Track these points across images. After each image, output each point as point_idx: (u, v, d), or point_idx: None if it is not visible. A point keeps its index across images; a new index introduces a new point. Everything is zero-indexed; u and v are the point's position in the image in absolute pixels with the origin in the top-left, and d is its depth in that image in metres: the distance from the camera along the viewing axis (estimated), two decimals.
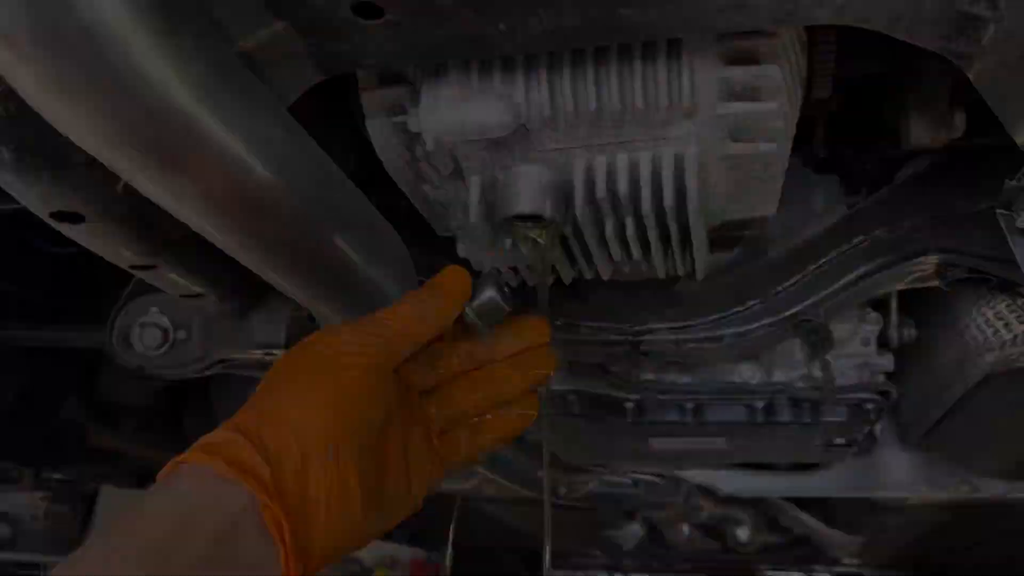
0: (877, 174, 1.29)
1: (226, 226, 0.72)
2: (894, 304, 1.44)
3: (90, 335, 1.33)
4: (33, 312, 1.66)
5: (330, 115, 1.10)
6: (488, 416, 0.90)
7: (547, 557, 0.90)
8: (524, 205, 0.88)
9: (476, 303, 0.87)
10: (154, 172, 0.64)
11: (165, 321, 1.19)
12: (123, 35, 0.54)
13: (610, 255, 0.98)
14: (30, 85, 0.56)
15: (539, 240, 0.91)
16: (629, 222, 0.91)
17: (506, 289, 0.88)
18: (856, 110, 1.27)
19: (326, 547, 0.75)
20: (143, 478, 2.58)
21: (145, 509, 0.70)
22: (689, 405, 1.55)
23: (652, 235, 0.93)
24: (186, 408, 2.16)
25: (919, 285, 1.23)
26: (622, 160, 0.87)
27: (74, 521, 5.90)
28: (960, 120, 0.97)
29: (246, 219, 0.72)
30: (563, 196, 0.90)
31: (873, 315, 1.45)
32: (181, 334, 1.20)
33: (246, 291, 1.13)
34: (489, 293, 0.87)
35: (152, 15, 0.56)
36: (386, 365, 0.81)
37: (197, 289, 1.03)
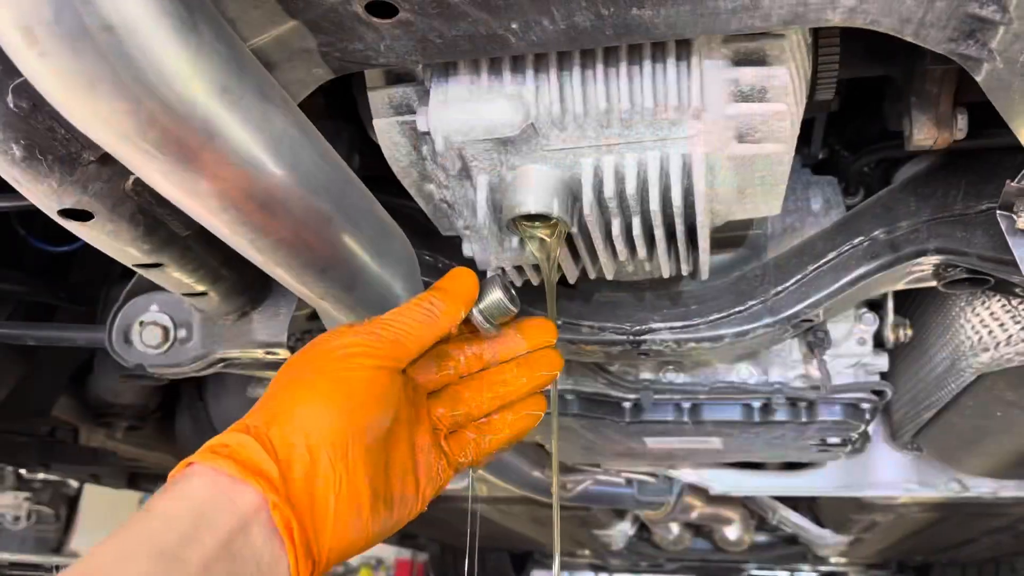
0: (875, 175, 1.30)
1: (238, 224, 0.72)
2: (890, 304, 1.45)
3: (89, 333, 1.32)
4: (28, 310, 1.65)
5: (335, 113, 1.10)
6: (495, 417, 0.90)
7: (557, 561, 0.90)
8: (532, 204, 0.88)
9: (483, 304, 0.87)
10: (169, 169, 0.63)
11: (166, 319, 1.19)
12: (144, 31, 0.54)
13: (615, 254, 0.99)
14: (49, 81, 0.55)
15: (546, 239, 0.92)
16: (636, 221, 0.92)
17: (512, 290, 0.88)
18: (855, 111, 1.28)
19: (334, 547, 0.75)
20: (133, 478, 2.57)
21: (156, 509, 0.70)
22: (686, 405, 1.55)
23: (658, 234, 0.93)
24: (179, 408, 2.15)
25: (917, 286, 1.24)
26: (630, 160, 0.87)
27: (57, 521, 5.87)
28: (963, 121, 0.98)
29: (258, 217, 0.72)
30: (570, 195, 0.90)
31: (869, 315, 1.46)
32: (182, 333, 1.19)
33: (248, 290, 1.12)
34: (496, 295, 0.87)
35: (172, 11, 0.55)
36: (394, 366, 0.81)
37: (201, 288, 1.03)
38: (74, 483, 5.84)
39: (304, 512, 0.73)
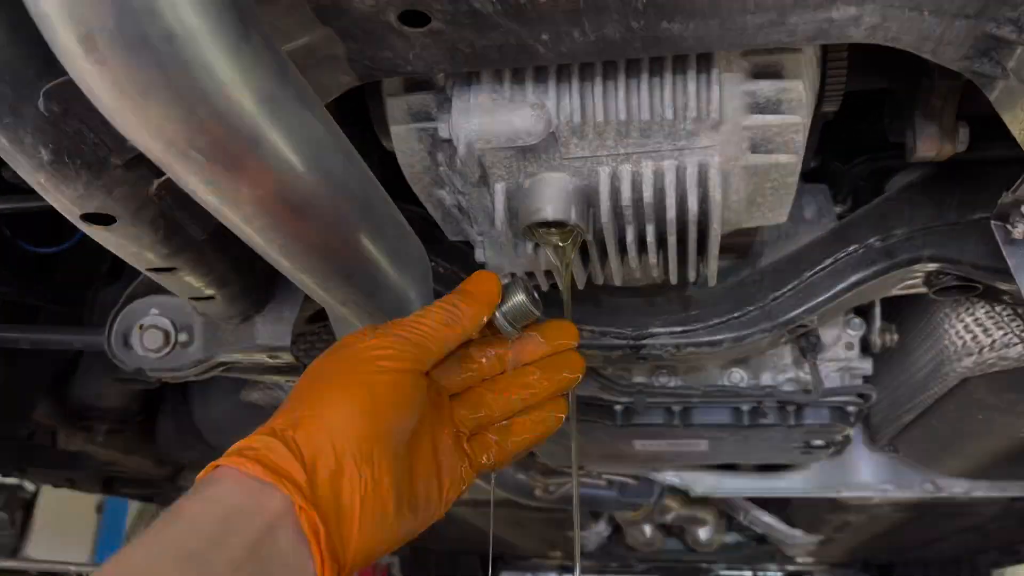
0: (866, 184, 1.33)
1: (272, 229, 0.72)
2: (877, 310, 1.48)
3: (87, 337, 1.30)
4: (10, 311, 1.63)
5: (346, 119, 1.10)
6: (517, 419, 0.91)
7: (578, 567, 0.92)
8: (550, 212, 0.89)
9: (505, 307, 0.88)
10: (212, 176, 0.63)
11: (166, 323, 1.18)
12: (203, 40, 0.54)
13: (626, 260, 1.00)
14: (104, 88, 0.55)
15: (561, 245, 0.93)
16: (650, 229, 0.93)
17: (535, 294, 0.89)
18: (847, 121, 1.31)
19: (359, 550, 0.76)
20: (109, 482, 2.53)
21: (183, 512, 0.70)
22: (677, 408, 1.58)
23: (671, 241, 0.95)
24: (161, 411, 2.12)
25: (907, 292, 1.27)
26: (647, 169, 0.89)
27: (12, 526, 5.74)
28: (964, 134, 1.01)
29: (292, 222, 0.72)
30: (587, 203, 0.92)
31: (856, 320, 1.49)
32: (183, 336, 1.18)
33: (254, 293, 1.12)
34: (519, 298, 0.88)
35: (229, 20, 0.56)
36: (418, 369, 0.82)
37: (209, 292, 1.02)
38: (30, 487, 5.71)
39: (330, 515, 0.73)
